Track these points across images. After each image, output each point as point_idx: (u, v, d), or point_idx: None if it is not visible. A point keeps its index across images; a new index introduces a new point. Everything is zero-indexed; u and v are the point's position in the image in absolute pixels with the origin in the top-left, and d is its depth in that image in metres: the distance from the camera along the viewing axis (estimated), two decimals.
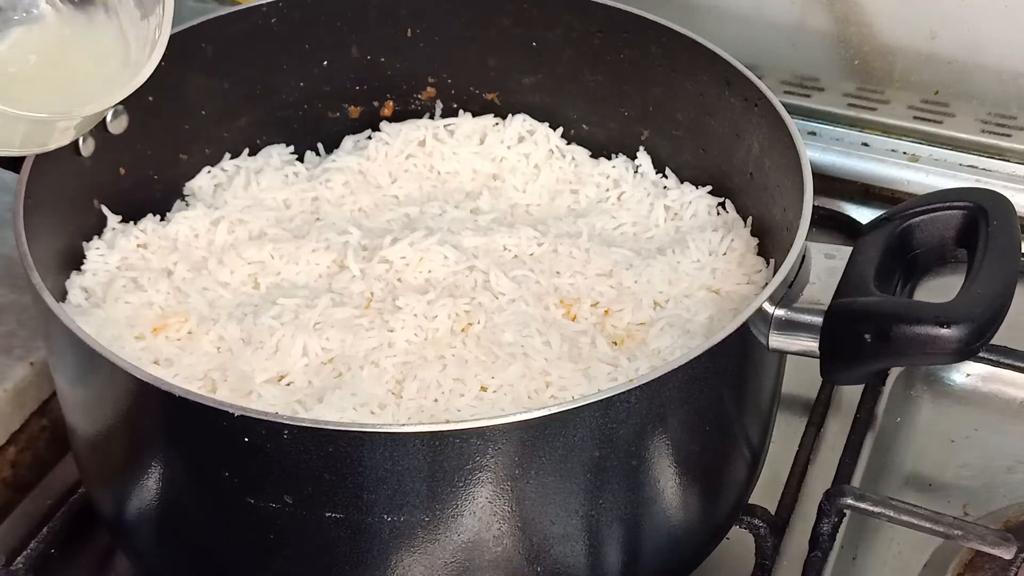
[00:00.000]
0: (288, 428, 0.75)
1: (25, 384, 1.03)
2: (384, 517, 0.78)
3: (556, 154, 1.11)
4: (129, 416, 0.82)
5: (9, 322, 1.06)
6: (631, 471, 0.82)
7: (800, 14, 1.29)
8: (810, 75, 1.32)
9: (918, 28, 1.26)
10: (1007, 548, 0.91)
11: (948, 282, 1.14)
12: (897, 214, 0.92)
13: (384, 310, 0.94)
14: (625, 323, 0.95)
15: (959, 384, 1.13)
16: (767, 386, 0.92)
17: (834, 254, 0.91)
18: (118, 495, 0.89)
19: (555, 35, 1.10)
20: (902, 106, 1.30)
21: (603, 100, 1.11)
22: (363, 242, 1.00)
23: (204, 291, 0.97)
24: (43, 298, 0.82)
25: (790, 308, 0.86)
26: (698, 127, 1.07)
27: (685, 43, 1.05)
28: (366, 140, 1.12)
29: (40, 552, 0.96)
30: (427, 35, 1.12)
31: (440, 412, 0.87)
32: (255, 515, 0.79)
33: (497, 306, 0.95)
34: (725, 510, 0.94)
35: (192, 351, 0.92)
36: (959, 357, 0.84)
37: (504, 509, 0.79)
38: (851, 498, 0.95)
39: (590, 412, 0.77)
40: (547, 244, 1.01)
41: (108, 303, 0.94)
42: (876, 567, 0.99)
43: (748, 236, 1.02)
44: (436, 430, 0.76)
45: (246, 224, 1.02)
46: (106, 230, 1.01)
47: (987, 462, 1.06)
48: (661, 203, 1.07)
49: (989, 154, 1.28)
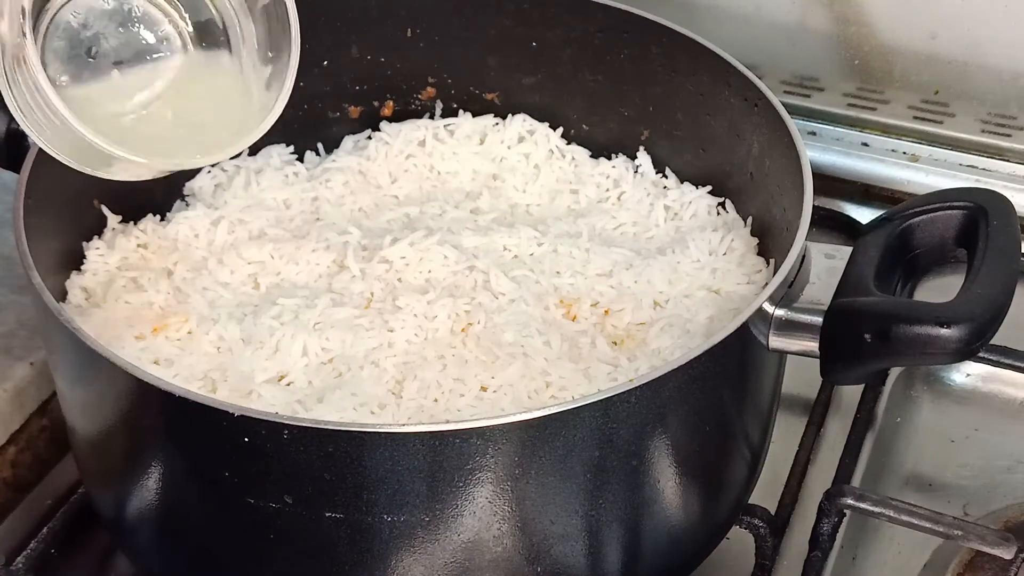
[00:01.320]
0: (288, 428, 0.75)
1: (25, 384, 1.03)
2: (384, 517, 0.78)
3: (556, 154, 1.11)
4: (129, 416, 0.82)
5: (9, 322, 1.06)
6: (631, 471, 0.82)
7: (800, 14, 1.29)
8: (810, 75, 1.32)
9: (918, 28, 1.26)
10: (1007, 548, 0.91)
11: (948, 282, 1.14)
12: (897, 214, 0.92)
13: (384, 310, 0.94)
14: (625, 323, 0.95)
15: (959, 384, 1.13)
16: (767, 386, 0.92)
17: (834, 254, 0.91)
18: (118, 495, 0.89)
19: (555, 35, 1.10)
20: (902, 106, 1.30)
21: (603, 100, 1.11)
22: (363, 242, 1.00)
23: (204, 291, 0.96)
24: (43, 298, 0.82)
25: (790, 308, 0.86)
26: (698, 127, 1.07)
27: (685, 43, 1.05)
28: (366, 140, 1.12)
29: (40, 552, 0.96)
30: (427, 35, 1.12)
31: (440, 412, 0.87)
32: (255, 515, 0.79)
33: (497, 306, 0.95)
34: (725, 510, 0.94)
35: (192, 351, 0.92)
36: (959, 357, 0.84)
37: (504, 509, 0.79)
38: (851, 498, 0.95)
39: (590, 412, 0.77)
40: (547, 244, 1.01)
41: (108, 303, 0.94)
42: (876, 567, 0.99)
43: (748, 236, 1.02)
44: (436, 430, 0.76)
45: (246, 224, 1.02)
46: (106, 230, 1.01)
47: (987, 462, 1.06)
48: (661, 203, 1.07)
49: (989, 154, 1.28)
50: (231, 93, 0.88)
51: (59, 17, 0.82)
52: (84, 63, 0.83)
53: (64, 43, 0.82)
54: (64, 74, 0.81)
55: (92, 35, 0.83)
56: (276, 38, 0.86)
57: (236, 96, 0.88)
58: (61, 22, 0.82)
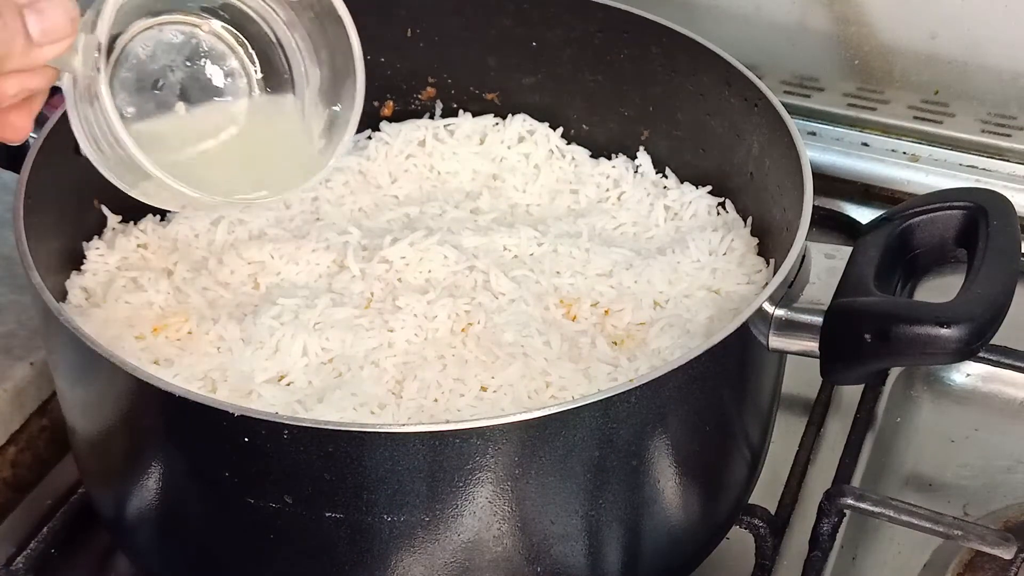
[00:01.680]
0: (288, 428, 0.75)
1: (25, 384, 1.03)
2: (384, 517, 0.78)
3: (556, 154, 1.11)
4: (129, 416, 0.82)
5: (9, 322, 1.06)
6: (631, 471, 0.82)
7: (800, 14, 1.29)
8: (810, 75, 1.32)
9: (918, 28, 1.26)
10: (1007, 548, 0.91)
11: (948, 282, 1.14)
12: (897, 214, 0.92)
13: (384, 310, 0.94)
14: (625, 323, 0.95)
15: (959, 384, 1.13)
16: (767, 386, 0.92)
17: (834, 254, 0.91)
18: (118, 495, 0.89)
19: (555, 35, 1.10)
20: (902, 106, 1.30)
21: (603, 100, 1.11)
22: (363, 242, 1.00)
23: (204, 291, 0.96)
24: (43, 298, 0.82)
25: (790, 308, 0.86)
26: (698, 127, 1.07)
27: (685, 43, 1.05)
28: (366, 140, 1.12)
29: (40, 552, 0.96)
30: (427, 35, 1.12)
31: (440, 412, 0.87)
32: (255, 515, 0.79)
33: (497, 306, 0.95)
34: (725, 510, 0.94)
35: (192, 351, 0.92)
36: (959, 357, 0.84)
37: (504, 509, 0.79)
38: (851, 498, 0.95)
39: (590, 412, 0.77)
40: (547, 244, 1.01)
41: (108, 303, 0.94)
42: (876, 567, 0.99)
43: (748, 236, 1.02)
44: (436, 430, 0.76)
45: (246, 224, 1.02)
46: (106, 230, 1.01)
47: (987, 462, 1.06)
48: (661, 203, 1.07)
49: (989, 154, 1.28)
50: (293, 134, 0.89)
51: (129, 48, 0.82)
52: (150, 95, 0.84)
53: (132, 74, 0.82)
54: (130, 105, 0.82)
55: (159, 68, 0.84)
56: (340, 81, 0.87)
57: (297, 137, 0.89)
58: (130, 54, 0.82)
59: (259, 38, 0.87)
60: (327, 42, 0.86)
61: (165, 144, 0.83)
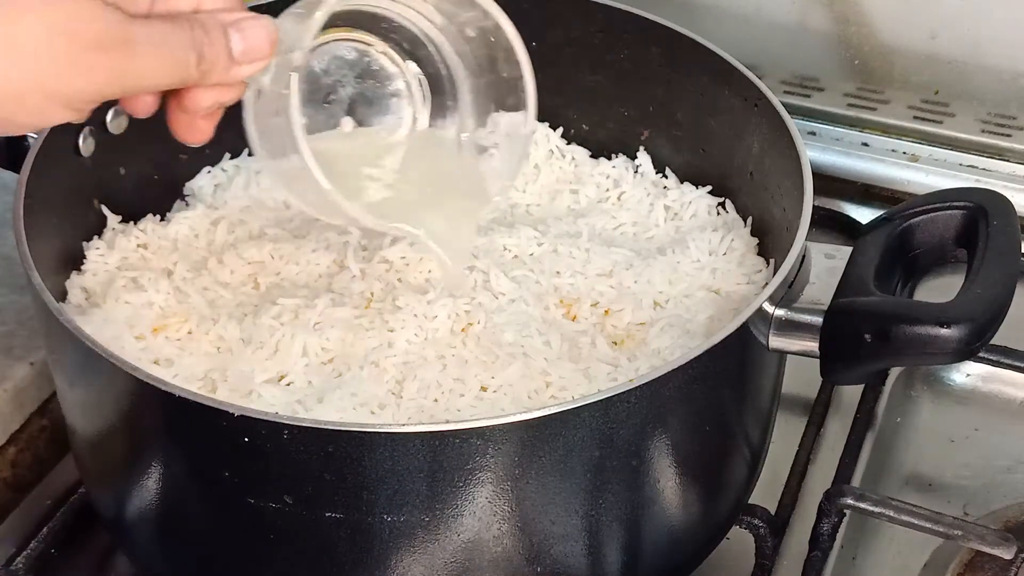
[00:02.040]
0: (288, 428, 0.75)
1: (25, 384, 1.03)
2: (384, 517, 0.78)
3: (556, 154, 1.11)
4: (129, 416, 0.82)
5: (9, 322, 1.06)
6: (631, 471, 0.82)
7: (800, 14, 1.29)
8: (810, 75, 1.32)
9: (918, 28, 1.26)
10: (1007, 548, 0.91)
11: (948, 282, 1.14)
12: (897, 214, 0.92)
13: (384, 310, 0.94)
14: (625, 323, 0.95)
15: (959, 384, 1.13)
16: (767, 386, 0.92)
17: (834, 254, 0.90)
18: (118, 495, 0.89)
19: (555, 35, 1.10)
20: (902, 106, 1.30)
21: (603, 100, 1.11)
22: (363, 242, 1.00)
23: (204, 291, 0.96)
24: (43, 298, 0.82)
25: (790, 308, 0.86)
26: (698, 127, 1.07)
27: (685, 43, 1.04)
28: None
29: (40, 552, 0.96)
30: None
31: (440, 412, 0.87)
32: (255, 515, 0.79)
33: (497, 306, 0.95)
34: (725, 510, 0.94)
35: (192, 351, 0.92)
36: (959, 357, 0.84)
37: (504, 509, 0.79)
38: (851, 498, 0.95)
39: (590, 412, 0.77)
40: (547, 244, 1.01)
41: (108, 303, 0.94)
42: (876, 567, 0.99)
43: (748, 236, 1.02)
44: (436, 430, 0.76)
45: (246, 224, 1.02)
46: (106, 230, 1.00)
47: (987, 462, 1.06)
48: (661, 203, 1.07)
49: (989, 154, 1.28)
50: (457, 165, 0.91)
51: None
52: (320, 108, 0.86)
53: (306, 86, 0.83)
54: (304, 116, 0.83)
55: (332, 82, 0.86)
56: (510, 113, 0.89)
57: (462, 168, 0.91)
58: (307, 67, 0.84)
59: (428, 62, 0.89)
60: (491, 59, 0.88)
61: (339, 168, 0.85)
